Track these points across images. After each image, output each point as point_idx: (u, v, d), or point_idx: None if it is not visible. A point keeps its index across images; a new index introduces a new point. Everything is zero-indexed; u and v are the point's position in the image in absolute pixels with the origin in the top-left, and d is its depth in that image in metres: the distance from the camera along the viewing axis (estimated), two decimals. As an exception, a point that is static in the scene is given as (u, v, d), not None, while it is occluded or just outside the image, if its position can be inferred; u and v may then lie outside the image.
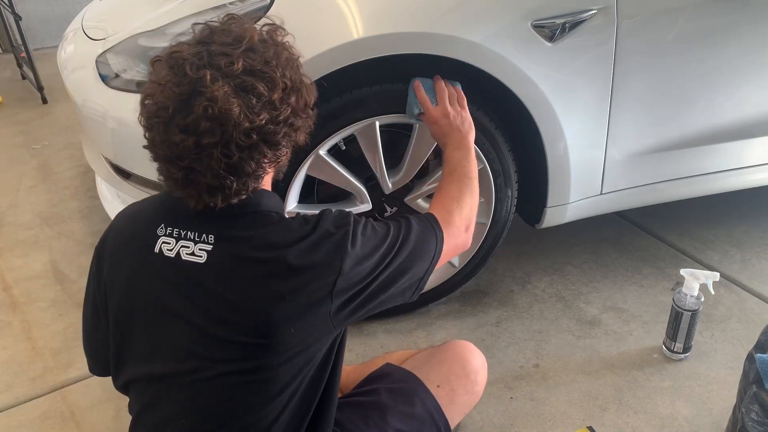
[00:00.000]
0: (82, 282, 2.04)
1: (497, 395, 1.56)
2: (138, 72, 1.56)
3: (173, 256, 0.95)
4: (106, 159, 1.76)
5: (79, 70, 1.75)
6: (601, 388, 1.58)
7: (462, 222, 1.19)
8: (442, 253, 1.11)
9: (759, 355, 1.22)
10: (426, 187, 1.64)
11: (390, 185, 1.61)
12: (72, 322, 1.87)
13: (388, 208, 1.68)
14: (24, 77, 4.04)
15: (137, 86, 1.54)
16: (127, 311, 1.00)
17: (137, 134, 1.52)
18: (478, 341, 1.74)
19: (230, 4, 1.51)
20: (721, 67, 1.68)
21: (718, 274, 1.57)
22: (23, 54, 3.71)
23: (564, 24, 1.47)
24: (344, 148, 1.58)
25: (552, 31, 1.47)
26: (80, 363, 1.72)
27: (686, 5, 1.56)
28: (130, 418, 1.06)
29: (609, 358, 1.68)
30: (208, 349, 0.94)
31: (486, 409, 1.52)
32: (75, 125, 3.30)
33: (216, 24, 0.97)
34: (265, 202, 0.99)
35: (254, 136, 0.91)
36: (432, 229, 1.11)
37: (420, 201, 1.67)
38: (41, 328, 1.86)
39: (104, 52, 1.68)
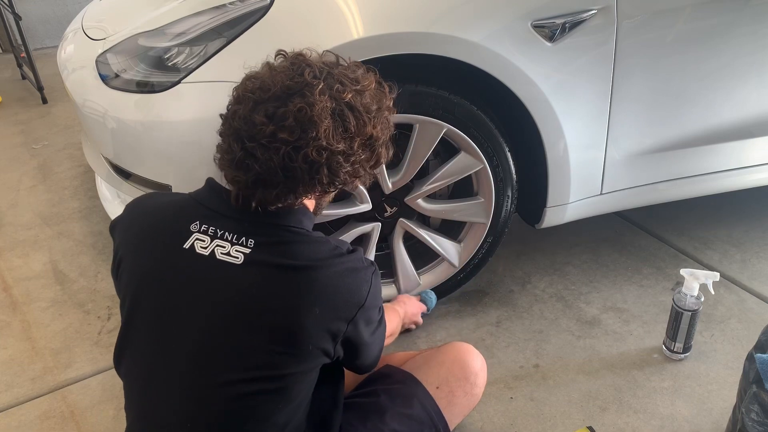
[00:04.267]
0: (82, 282, 2.05)
1: (497, 395, 1.56)
2: (138, 72, 1.56)
3: (207, 254, 0.96)
4: (106, 159, 1.76)
5: (79, 70, 1.75)
6: (601, 388, 1.58)
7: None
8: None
9: (759, 355, 1.22)
10: (426, 187, 1.64)
11: (390, 185, 1.61)
12: (72, 321, 1.87)
13: (388, 208, 1.68)
14: (24, 77, 4.04)
15: (137, 86, 1.54)
16: (143, 299, 0.99)
17: (137, 134, 1.54)
18: (478, 341, 1.74)
19: (230, 4, 1.51)
20: (721, 68, 1.68)
21: (718, 274, 1.57)
22: (23, 54, 3.71)
23: (564, 24, 1.47)
24: (344, 148, 1.58)
25: (552, 31, 1.47)
26: (80, 363, 1.72)
27: (686, 5, 1.56)
28: (130, 418, 1.06)
29: (609, 358, 1.68)
30: (227, 352, 0.94)
31: (486, 409, 1.52)
32: (75, 125, 3.30)
33: (345, 62, 1.06)
34: (306, 223, 1.03)
35: (323, 156, 0.95)
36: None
37: (420, 201, 1.67)
38: (41, 328, 1.86)
39: (104, 52, 1.68)
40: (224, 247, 0.96)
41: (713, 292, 1.66)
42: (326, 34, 1.39)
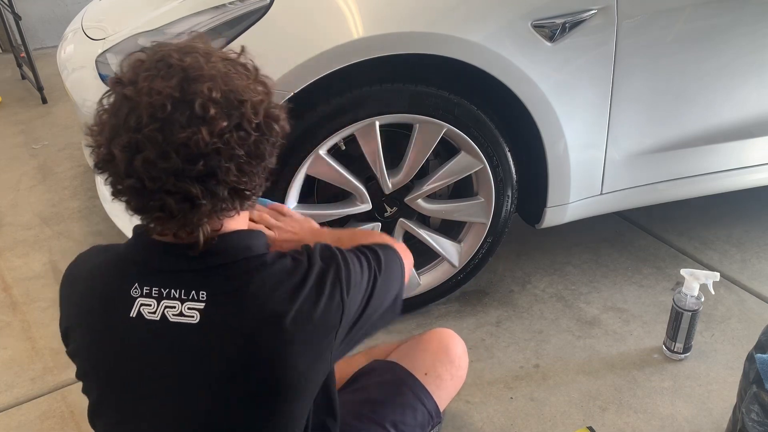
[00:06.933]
0: (82, 282, 2.05)
1: (497, 395, 1.56)
2: (138, 72, 1.56)
3: (158, 318, 0.84)
4: (106, 159, 1.76)
5: (79, 70, 1.75)
6: (601, 388, 1.58)
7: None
8: (405, 264, 1.08)
9: (759, 355, 1.22)
10: (426, 187, 1.64)
11: (390, 185, 1.61)
12: (72, 322, 1.87)
13: (388, 208, 1.68)
14: (24, 77, 4.04)
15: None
16: (107, 386, 0.90)
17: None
18: (478, 341, 1.74)
19: (230, 3, 1.51)
20: (721, 67, 1.68)
21: (718, 274, 1.57)
22: (23, 54, 3.71)
23: (564, 24, 1.47)
24: (344, 148, 1.58)
25: (552, 31, 1.47)
26: (80, 363, 1.72)
27: (686, 5, 1.56)
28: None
29: (609, 358, 1.68)
30: (219, 418, 0.86)
31: (486, 409, 1.52)
32: (75, 125, 3.29)
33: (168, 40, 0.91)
34: (255, 244, 0.89)
35: (260, 111, 0.83)
36: (392, 249, 1.06)
37: (420, 201, 1.67)
38: (41, 328, 1.86)
39: (104, 52, 1.68)
40: (174, 306, 0.84)
41: (713, 292, 1.66)
42: (326, 33, 1.39)
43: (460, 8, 1.42)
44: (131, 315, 0.85)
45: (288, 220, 1.21)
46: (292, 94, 1.39)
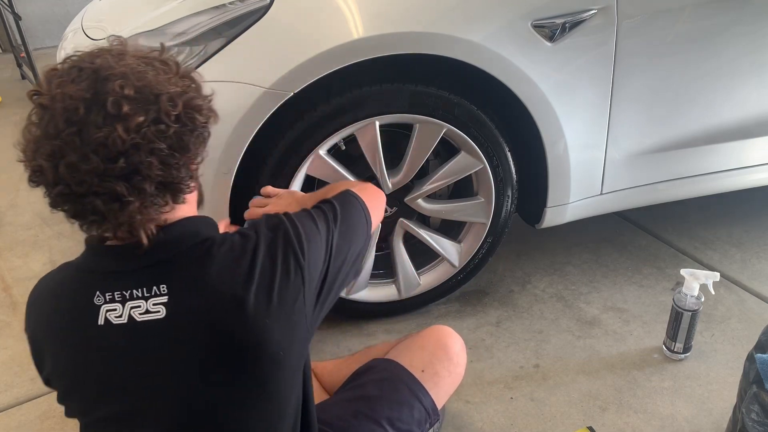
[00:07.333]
0: (82, 282, 2.05)
1: (497, 395, 1.56)
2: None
3: (125, 321, 0.84)
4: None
5: (79, 70, 1.75)
6: (601, 388, 1.58)
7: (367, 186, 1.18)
8: (371, 211, 1.10)
9: (759, 355, 1.22)
10: (426, 187, 1.64)
11: (390, 185, 1.61)
12: (72, 322, 1.88)
13: (388, 208, 1.68)
14: (24, 77, 4.05)
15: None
16: (86, 393, 0.89)
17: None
18: (478, 341, 1.74)
19: (230, 3, 1.51)
20: (721, 67, 1.68)
21: (718, 274, 1.57)
22: (23, 54, 3.72)
23: (564, 24, 1.47)
24: (344, 148, 1.58)
25: (552, 31, 1.47)
26: (80, 363, 1.72)
27: (686, 5, 1.57)
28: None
29: (609, 358, 1.68)
30: (196, 406, 0.86)
31: (486, 409, 1.52)
32: (75, 125, 3.30)
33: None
34: (200, 229, 0.90)
35: (179, 103, 0.82)
36: (350, 194, 1.08)
37: (420, 201, 1.67)
38: (41, 328, 1.86)
39: (104, 52, 1.68)
40: (139, 306, 0.84)
41: (713, 292, 1.66)
42: (326, 33, 1.39)
43: (460, 8, 1.42)
44: (99, 323, 0.85)
45: (274, 200, 1.25)
46: (292, 94, 1.39)
